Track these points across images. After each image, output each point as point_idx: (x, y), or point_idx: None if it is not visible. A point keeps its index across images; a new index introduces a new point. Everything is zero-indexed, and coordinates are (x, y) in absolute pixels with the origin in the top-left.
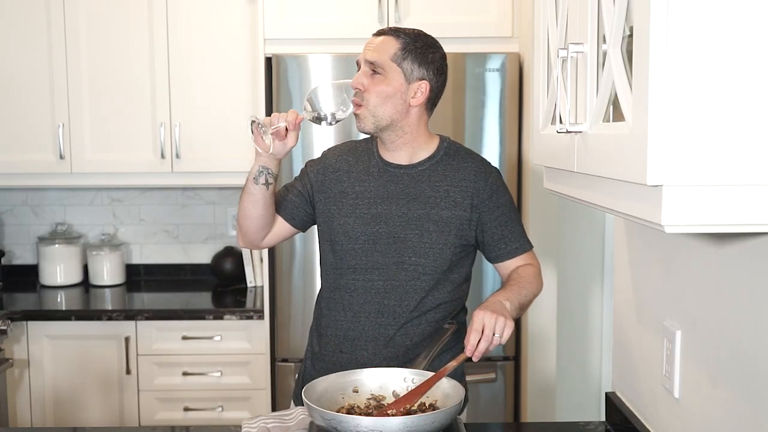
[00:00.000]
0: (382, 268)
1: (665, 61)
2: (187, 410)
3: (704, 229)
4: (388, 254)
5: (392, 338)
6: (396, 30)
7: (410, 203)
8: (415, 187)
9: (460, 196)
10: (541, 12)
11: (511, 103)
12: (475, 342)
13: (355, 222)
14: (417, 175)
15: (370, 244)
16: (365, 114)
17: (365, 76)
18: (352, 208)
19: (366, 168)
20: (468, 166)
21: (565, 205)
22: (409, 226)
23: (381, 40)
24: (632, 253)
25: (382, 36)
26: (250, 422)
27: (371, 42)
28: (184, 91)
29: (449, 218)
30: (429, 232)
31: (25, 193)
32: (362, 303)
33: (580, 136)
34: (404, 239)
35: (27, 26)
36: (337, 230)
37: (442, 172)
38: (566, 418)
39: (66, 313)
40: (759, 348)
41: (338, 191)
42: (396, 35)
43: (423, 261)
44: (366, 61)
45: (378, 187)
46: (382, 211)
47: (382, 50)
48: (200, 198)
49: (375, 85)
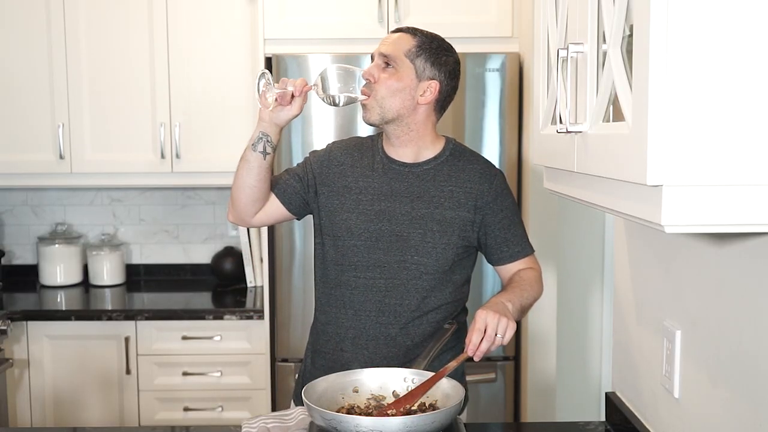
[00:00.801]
0: (383, 266)
1: (665, 61)
2: (187, 410)
3: (704, 229)
4: (390, 252)
5: (393, 338)
6: (414, 29)
7: (414, 202)
8: (419, 185)
9: (464, 197)
10: (541, 12)
11: (511, 103)
12: (477, 341)
13: (358, 218)
14: (422, 173)
15: (373, 242)
16: (372, 105)
17: (377, 68)
18: (355, 204)
19: (370, 164)
20: (473, 168)
21: (565, 205)
22: (412, 224)
23: (398, 36)
24: (632, 253)
25: (399, 32)
26: (250, 422)
27: (388, 37)
28: (184, 91)
29: (452, 219)
30: (432, 232)
31: (25, 193)
32: (363, 301)
33: (580, 136)
34: (407, 238)
35: (27, 26)
36: (339, 225)
37: (446, 172)
38: (566, 418)
39: (66, 313)
40: (759, 348)
41: (341, 185)
42: (413, 33)
43: (425, 260)
44: (380, 53)
45: (382, 183)
46: (385, 208)
47: (398, 45)
48: (200, 198)
49: (386, 78)
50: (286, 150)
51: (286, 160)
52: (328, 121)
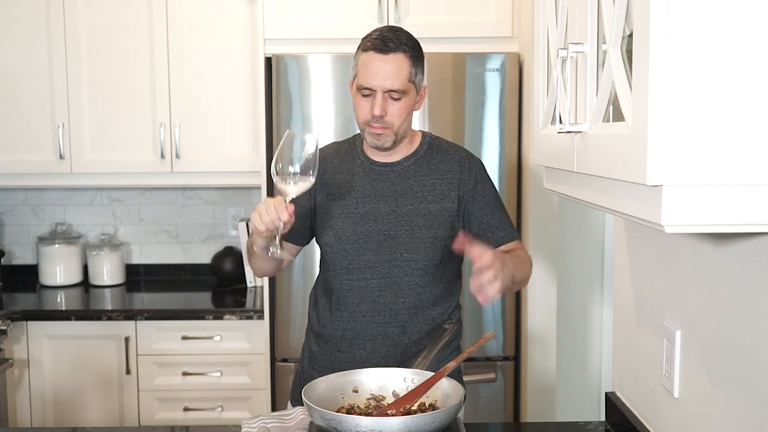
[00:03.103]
0: (375, 266)
1: (665, 61)
2: (186, 410)
3: (704, 229)
4: (379, 252)
5: (391, 336)
6: (398, 41)
7: (398, 200)
8: (401, 183)
9: (447, 189)
10: (541, 12)
11: (511, 103)
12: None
13: (345, 222)
14: (403, 171)
15: (361, 243)
16: (388, 134)
17: (386, 103)
18: (341, 209)
19: (351, 168)
20: (452, 158)
21: (565, 205)
22: (398, 222)
23: (394, 64)
24: (632, 253)
25: (389, 54)
26: (250, 422)
27: (381, 66)
28: (184, 91)
29: (438, 211)
30: (419, 227)
31: (25, 193)
32: (358, 303)
33: (580, 136)
34: (394, 236)
35: (27, 26)
36: (327, 232)
37: (426, 166)
38: (566, 418)
39: (66, 313)
40: (759, 348)
41: (326, 194)
42: (403, 50)
43: (415, 257)
44: (386, 90)
45: (365, 185)
46: (370, 210)
47: (400, 75)
48: (200, 198)
49: (397, 110)
50: None
51: None
52: (328, 121)
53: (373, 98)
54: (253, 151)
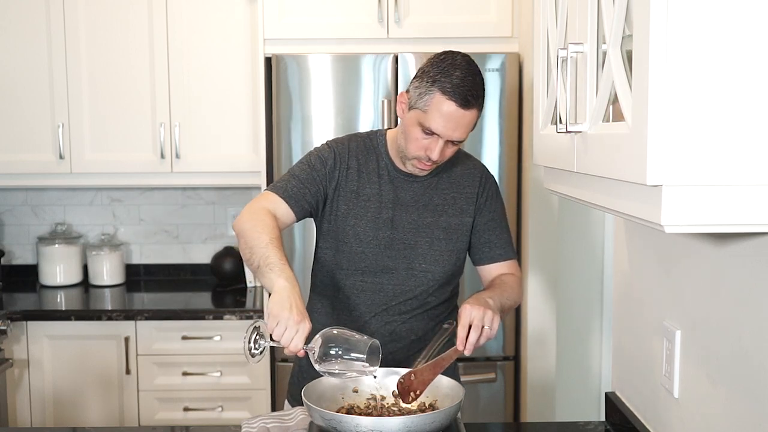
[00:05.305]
0: (392, 272)
1: (665, 61)
2: (186, 410)
3: (704, 229)
4: (397, 259)
5: (397, 333)
6: (477, 95)
7: (420, 211)
8: (423, 194)
9: (465, 203)
10: (540, 12)
11: (511, 103)
12: (464, 336)
13: (367, 225)
14: (426, 183)
15: (381, 249)
16: (431, 168)
17: (446, 148)
18: (363, 211)
19: (375, 169)
20: (471, 173)
21: (565, 205)
22: (419, 233)
23: (469, 119)
24: (632, 253)
25: (468, 110)
26: (250, 422)
27: (458, 120)
28: (184, 91)
29: (457, 225)
30: (438, 240)
31: (25, 193)
32: (369, 304)
33: (580, 136)
34: (414, 246)
35: (27, 26)
36: (346, 231)
37: (447, 179)
38: (566, 418)
39: (66, 313)
40: (759, 348)
41: (350, 190)
42: (479, 105)
43: (433, 268)
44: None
45: (389, 191)
46: (392, 216)
47: (469, 128)
48: (200, 198)
49: (450, 152)
50: (286, 150)
51: (286, 160)
52: (328, 120)
53: (433, 140)
54: (252, 151)
